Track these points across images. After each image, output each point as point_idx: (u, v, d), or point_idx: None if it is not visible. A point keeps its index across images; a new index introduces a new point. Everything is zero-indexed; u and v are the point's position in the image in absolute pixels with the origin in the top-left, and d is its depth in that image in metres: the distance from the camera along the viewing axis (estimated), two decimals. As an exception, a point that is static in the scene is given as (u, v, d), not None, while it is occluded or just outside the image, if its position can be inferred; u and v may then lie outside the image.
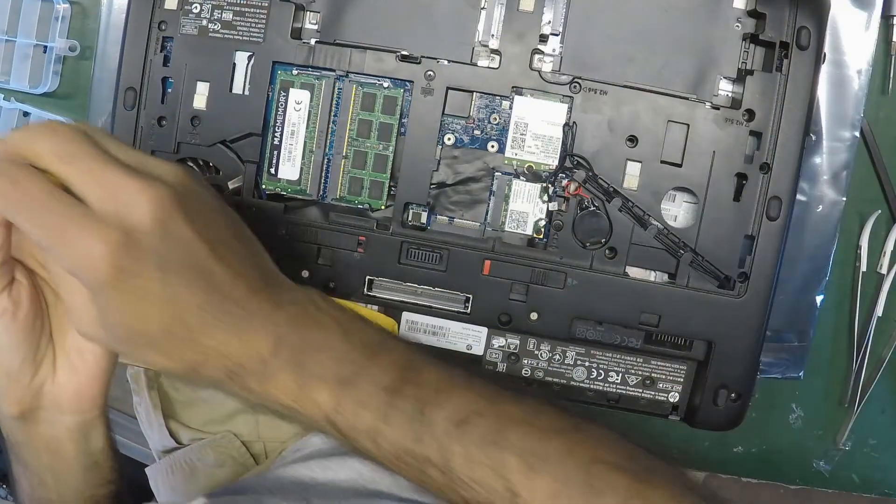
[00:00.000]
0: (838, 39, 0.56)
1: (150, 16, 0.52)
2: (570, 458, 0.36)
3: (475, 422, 0.36)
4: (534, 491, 0.36)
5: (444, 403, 0.37)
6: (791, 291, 0.59)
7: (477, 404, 0.37)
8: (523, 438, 0.36)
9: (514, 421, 0.37)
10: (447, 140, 0.53)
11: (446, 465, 0.36)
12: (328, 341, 0.37)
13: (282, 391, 0.37)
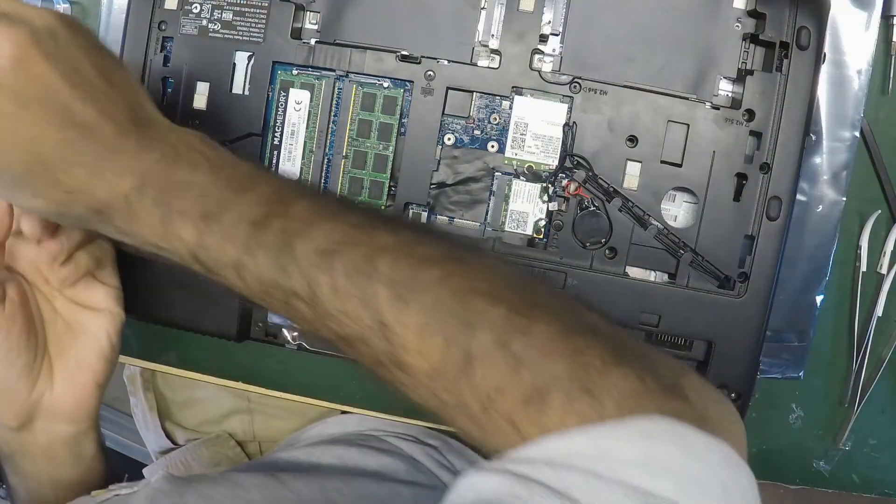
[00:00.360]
0: (838, 39, 0.56)
1: (150, 16, 0.52)
2: (444, 288, 0.35)
3: (344, 252, 0.35)
4: (403, 322, 0.34)
5: (312, 234, 0.36)
6: (791, 291, 0.59)
7: (347, 234, 0.36)
8: (394, 268, 0.35)
9: (386, 251, 0.35)
10: (447, 140, 0.53)
11: (313, 297, 0.35)
12: (195, 179, 0.37)
13: (147, 229, 0.37)
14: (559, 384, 0.33)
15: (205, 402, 0.74)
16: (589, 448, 0.32)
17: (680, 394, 0.35)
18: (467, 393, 0.34)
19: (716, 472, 0.32)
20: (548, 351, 0.34)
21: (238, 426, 0.74)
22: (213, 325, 0.54)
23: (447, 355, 0.34)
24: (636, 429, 0.32)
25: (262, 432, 0.74)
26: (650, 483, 0.31)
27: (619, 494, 0.30)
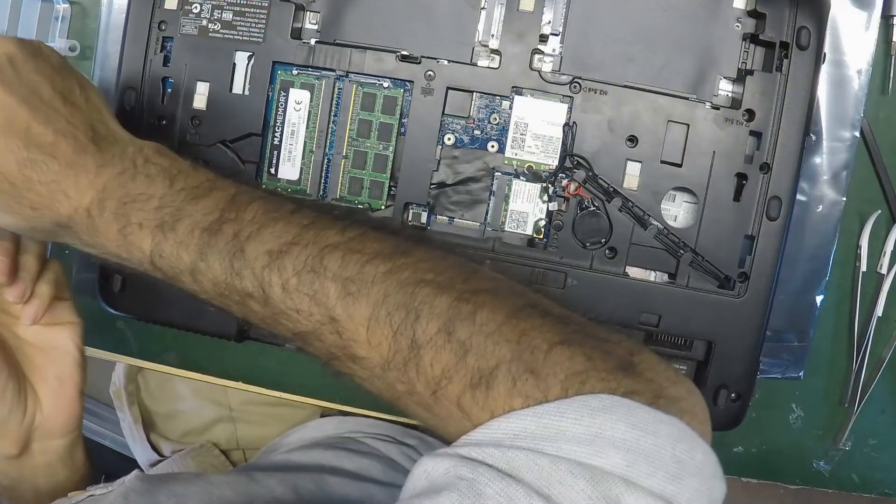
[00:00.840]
0: (838, 39, 0.56)
1: (150, 16, 0.52)
2: (391, 281, 0.36)
3: (293, 252, 0.37)
4: (352, 316, 0.36)
5: (263, 237, 0.37)
6: (791, 291, 0.59)
7: (297, 235, 0.37)
8: (343, 265, 0.36)
9: (334, 249, 0.37)
10: (447, 140, 0.53)
11: (265, 297, 0.37)
12: (152, 190, 0.39)
13: (109, 241, 0.39)
14: (504, 367, 0.34)
15: (188, 413, 0.75)
16: (535, 427, 0.32)
17: (631, 372, 0.35)
18: (417, 381, 0.35)
19: (668, 446, 0.32)
20: (493, 336, 0.34)
21: (222, 435, 0.74)
22: (213, 325, 0.54)
23: (396, 346, 0.35)
24: (583, 406, 0.32)
25: (246, 440, 0.75)
26: (597, 459, 0.31)
27: (565, 471, 0.30)
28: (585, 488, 0.30)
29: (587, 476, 0.31)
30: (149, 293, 0.54)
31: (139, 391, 0.76)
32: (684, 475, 0.32)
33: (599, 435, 0.32)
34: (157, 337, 0.63)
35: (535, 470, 0.31)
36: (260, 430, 0.74)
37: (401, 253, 0.37)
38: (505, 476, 0.30)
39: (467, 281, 0.37)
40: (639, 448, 0.32)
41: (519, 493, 0.30)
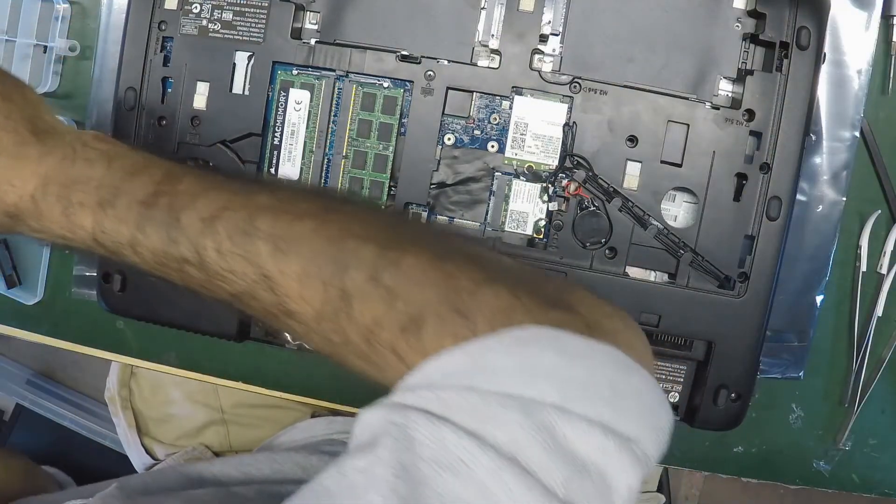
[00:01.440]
0: (838, 39, 0.56)
1: (150, 16, 0.52)
2: (319, 236, 0.37)
3: (225, 216, 0.38)
4: (284, 272, 0.36)
5: (196, 205, 0.38)
6: (791, 291, 0.59)
7: (228, 200, 0.38)
8: (273, 224, 0.37)
9: (265, 210, 0.38)
10: (447, 140, 0.53)
11: (201, 261, 0.38)
12: (91, 172, 0.41)
13: (54, 224, 0.41)
14: (431, 309, 0.34)
15: (180, 417, 0.75)
16: (465, 363, 0.32)
17: (562, 306, 0.35)
18: (350, 330, 0.36)
19: (602, 373, 0.32)
20: (418, 280, 0.35)
21: (214, 438, 0.75)
22: (213, 325, 0.54)
23: (326, 297, 0.36)
24: (511, 338, 0.32)
25: (238, 442, 0.75)
26: (529, 389, 0.31)
27: (496, 405, 0.30)
28: (518, 419, 0.30)
29: (519, 407, 0.30)
30: (149, 293, 0.54)
31: (132, 396, 0.76)
32: (621, 400, 0.32)
33: (529, 364, 0.32)
34: (157, 337, 0.63)
35: (467, 407, 0.31)
36: (252, 432, 0.75)
37: (329, 210, 0.38)
38: (435, 419, 0.30)
39: (393, 230, 0.38)
40: (570, 375, 0.32)
41: (448, 434, 0.30)
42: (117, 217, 0.39)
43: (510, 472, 0.29)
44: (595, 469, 0.31)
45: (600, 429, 0.31)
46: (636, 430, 0.32)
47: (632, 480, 0.31)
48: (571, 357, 0.32)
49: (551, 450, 0.30)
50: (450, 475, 0.29)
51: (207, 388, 0.75)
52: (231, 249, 0.37)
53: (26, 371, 1.28)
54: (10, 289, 0.64)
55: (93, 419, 1.20)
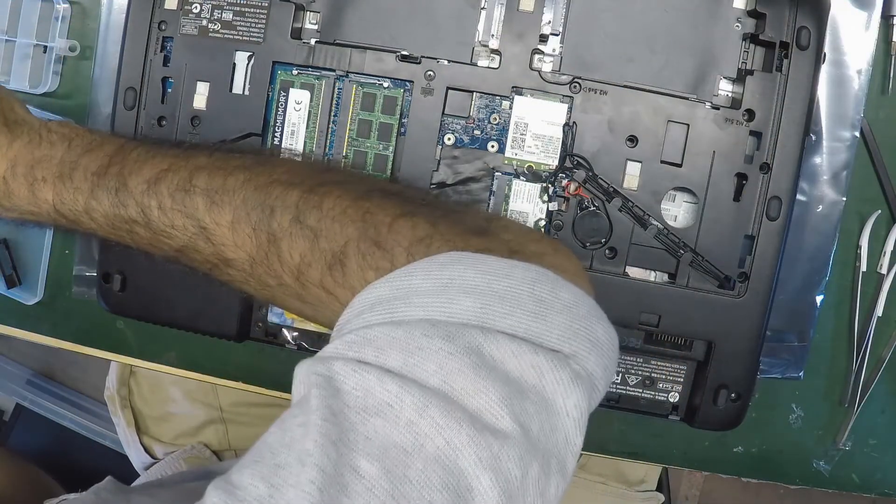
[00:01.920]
0: (838, 39, 0.56)
1: (150, 16, 0.52)
2: (248, 186, 0.39)
3: (166, 178, 0.41)
4: (218, 222, 0.39)
5: (142, 170, 0.42)
6: (791, 291, 0.59)
7: (170, 163, 0.42)
8: (209, 180, 0.40)
9: (202, 169, 0.41)
10: (447, 140, 0.53)
11: (147, 220, 0.41)
12: (53, 152, 0.44)
13: (22, 200, 0.44)
14: (352, 245, 0.36)
15: (179, 416, 0.75)
16: (388, 291, 0.33)
17: (483, 233, 0.35)
18: (283, 271, 0.38)
19: (524, 287, 0.32)
20: (339, 219, 0.37)
21: (213, 437, 0.75)
22: (213, 325, 0.54)
23: (256, 241, 0.38)
24: (431, 262, 0.33)
25: (237, 441, 0.75)
26: (450, 308, 0.31)
27: (420, 336, 0.31)
28: (443, 346, 0.30)
29: (442, 334, 0.30)
30: (149, 293, 0.54)
31: (131, 395, 0.76)
32: (549, 313, 0.32)
33: (449, 284, 0.32)
34: (157, 337, 0.63)
35: (394, 344, 0.31)
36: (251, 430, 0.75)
37: (259, 164, 0.41)
38: (359, 366, 0.30)
39: (317, 176, 0.40)
40: (491, 290, 0.32)
41: (372, 380, 0.30)
42: (74, 188, 0.43)
43: (437, 406, 0.29)
44: (531, 388, 0.30)
45: (529, 346, 0.30)
46: (570, 345, 0.31)
47: (576, 399, 0.31)
48: (491, 274, 0.32)
49: (481, 373, 0.30)
50: (377, 419, 0.29)
51: (206, 387, 0.75)
52: (172, 206, 0.40)
53: (26, 371, 1.28)
54: (10, 289, 0.64)
55: (93, 419, 1.20)
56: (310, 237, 0.37)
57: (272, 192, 0.39)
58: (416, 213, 0.36)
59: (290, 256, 0.38)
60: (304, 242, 0.37)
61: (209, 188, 0.40)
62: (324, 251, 0.37)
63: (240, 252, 0.39)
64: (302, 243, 0.37)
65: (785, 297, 0.58)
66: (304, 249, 0.37)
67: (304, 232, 0.37)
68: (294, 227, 0.37)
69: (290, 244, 0.37)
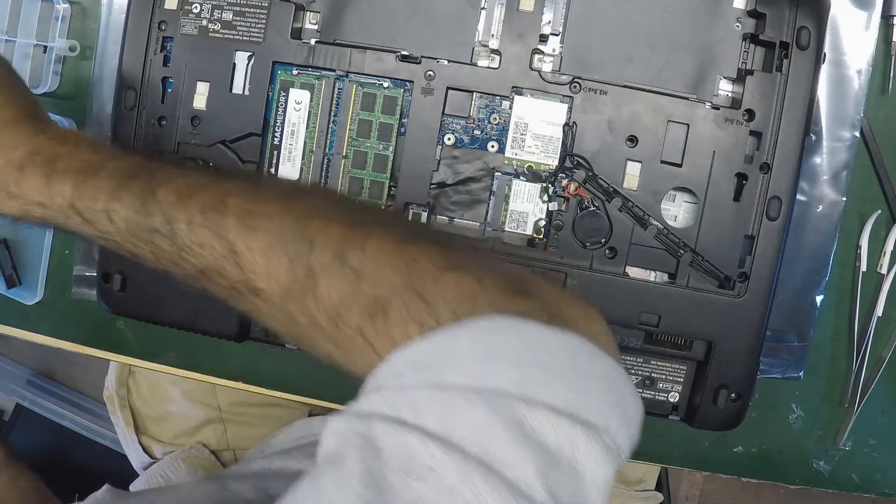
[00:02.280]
0: (838, 39, 0.56)
1: (150, 16, 0.52)
2: (286, 214, 0.38)
3: (197, 193, 0.40)
4: (250, 247, 0.37)
5: (172, 182, 0.40)
6: (791, 291, 0.59)
7: (201, 182, 0.40)
8: (243, 202, 0.39)
9: (236, 190, 0.39)
10: (447, 140, 0.53)
11: (172, 232, 0.39)
12: (78, 152, 0.43)
13: (34, 189, 0.43)
14: (396, 294, 0.34)
15: (178, 416, 0.75)
16: (430, 353, 0.32)
17: (524, 294, 0.35)
18: (317, 310, 0.36)
19: (565, 358, 0.32)
20: (383, 262, 0.35)
21: (212, 436, 0.75)
22: (213, 325, 0.54)
23: (292, 274, 0.37)
24: (474, 327, 0.32)
25: (236, 441, 0.75)
26: (493, 378, 0.31)
27: (462, 402, 0.30)
28: (486, 414, 0.30)
29: (486, 402, 0.30)
30: (149, 293, 0.54)
31: (130, 394, 0.76)
32: (587, 385, 0.32)
33: (493, 353, 0.32)
34: (157, 337, 0.63)
35: (434, 408, 0.31)
36: (250, 430, 0.75)
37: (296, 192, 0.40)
38: (400, 426, 0.30)
39: (357, 213, 0.39)
40: (534, 361, 0.32)
41: (414, 441, 0.30)
42: (97, 185, 0.41)
43: (479, 474, 0.29)
44: (566, 461, 0.30)
45: (568, 418, 0.31)
46: (604, 418, 0.32)
47: (604, 471, 0.31)
48: (534, 344, 0.32)
49: (521, 444, 0.30)
50: (419, 483, 0.29)
51: (205, 387, 0.75)
52: (202, 223, 0.39)
53: (26, 371, 1.28)
54: (10, 289, 0.64)
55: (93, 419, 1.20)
56: (351, 278, 0.35)
57: (311, 223, 0.37)
58: (460, 265, 0.35)
59: (329, 296, 0.36)
60: (345, 283, 0.35)
61: (243, 210, 0.38)
62: (366, 296, 0.35)
63: (272, 283, 0.37)
64: (342, 284, 0.35)
65: (785, 297, 0.58)
66: (344, 291, 0.35)
67: (345, 272, 0.35)
68: (335, 265, 0.36)
69: (330, 283, 0.36)
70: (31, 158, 0.43)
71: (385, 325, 0.34)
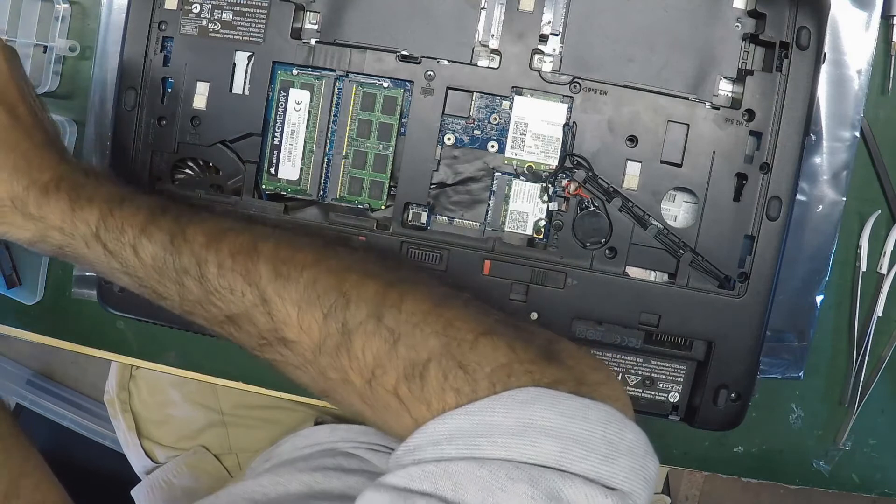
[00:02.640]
0: (838, 39, 0.56)
1: (150, 16, 0.52)
2: (320, 267, 0.37)
3: (228, 236, 0.39)
4: (283, 297, 0.37)
5: (202, 223, 0.40)
6: (791, 291, 0.59)
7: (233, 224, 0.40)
8: (275, 250, 0.38)
9: (268, 237, 0.39)
10: (447, 140, 0.53)
11: (201, 275, 0.39)
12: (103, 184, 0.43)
13: (56, 215, 0.42)
14: (434, 359, 0.35)
15: (180, 419, 0.75)
16: (469, 425, 0.33)
17: (554, 361, 0.36)
18: (350, 367, 0.36)
19: (598, 429, 0.33)
20: (420, 326, 0.35)
21: (214, 440, 0.75)
22: (213, 325, 0.54)
23: (326, 329, 0.36)
24: (512, 400, 0.33)
25: (238, 444, 0.75)
26: (532, 451, 0.32)
27: (504, 478, 0.31)
28: (526, 490, 0.31)
29: (526, 477, 0.31)
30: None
31: (131, 398, 0.76)
32: (617, 455, 0.33)
33: (530, 425, 0.32)
34: (157, 337, 0.63)
35: (476, 482, 0.31)
36: (252, 433, 0.75)
37: (328, 246, 0.40)
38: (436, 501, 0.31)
39: (392, 271, 0.39)
40: (570, 434, 0.33)
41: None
42: (123, 217, 0.40)
43: None
44: None
45: (600, 488, 0.32)
46: (631, 484, 0.33)
47: None
48: (569, 416, 0.33)
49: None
50: None
51: (206, 390, 0.75)
52: (233, 267, 0.38)
53: (26, 371, 1.28)
54: (10, 289, 0.64)
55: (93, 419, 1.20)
56: (388, 339, 0.35)
57: (347, 278, 0.37)
58: (494, 331, 0.36)
59: (363, 354, 0.36)
60: (381, 343, 0.35)
61: (275, 258, 0.38)
62: (402, 358, 0.35)
63: (303, 336, 0.37)
64: (378, 343, 0.35)
65: (785, 297, 0.58)
66: (381, 351, 0.35)
67: (381, 332, 0.35)
68: (372, 324, 0.36)
69: (365, 341, 0.36)
70: (56, 184, 0.42)
71: (422, 389, 0.34)
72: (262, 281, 0.37)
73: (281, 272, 0.37)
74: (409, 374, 0.35)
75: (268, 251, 0.38)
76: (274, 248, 0.38)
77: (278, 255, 0.38)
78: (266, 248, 0.38)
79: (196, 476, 0.73)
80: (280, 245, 0.38)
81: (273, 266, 0.37)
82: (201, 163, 0.53)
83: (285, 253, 0.38)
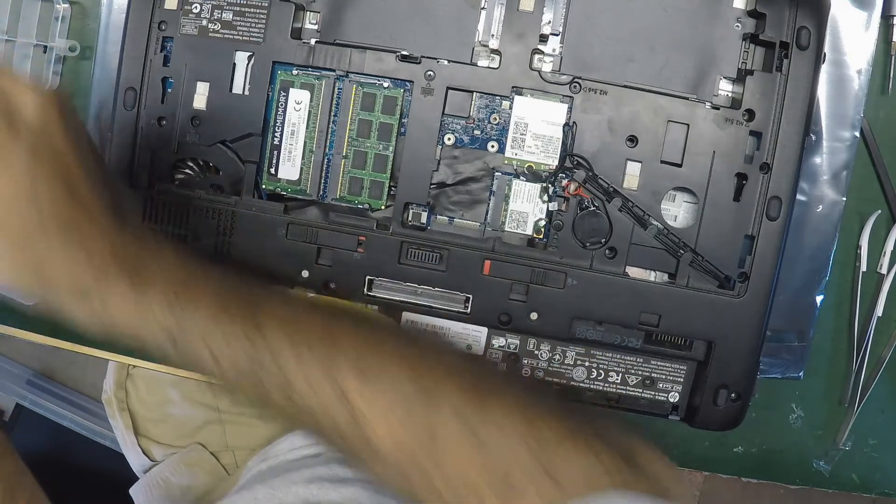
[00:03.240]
0: (838, 39, 0.56)
1: (150, 16, 0.52)
2: (403, 365, 0.37)
3: (303, 324, 0.38)
4: (364, 394, 0.36)
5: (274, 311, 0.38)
6: (791, 291, 0.59)
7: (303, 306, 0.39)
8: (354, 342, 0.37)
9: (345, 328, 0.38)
10: (447, 140, 0.53)
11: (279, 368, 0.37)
12: (163, 253, 0.39)
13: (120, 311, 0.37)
14: (522, 467, 0.35)
15: (177, 417, 0.75)
16: None
17: (632, 463, 0.37)
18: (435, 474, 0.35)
19: None
20: (509, 432, 0.35)
21: (211, 437, 0.75)
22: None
23: (409, 430, 0.36)
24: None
25: (235, 441, 0.75)
26: None
27: None
28: None
29: None
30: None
31: (129, 397, 0.76)
32: None
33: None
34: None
35: None
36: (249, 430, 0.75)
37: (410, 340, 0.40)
38: None
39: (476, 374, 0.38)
40: None
41: None
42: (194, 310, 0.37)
43: None
44: None
45: None
46: None
47: None
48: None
49: None
50: None
51: (204, 388, 0.75)
52: (310, 359, 0.37)
53: (26, 371, 1.28)
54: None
55: (93, 419, 1.20)
56: (476, 446, 0.35)
57: (432, 377, 0.36)
58: (577, 434, 0.36)
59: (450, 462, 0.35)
60: (470, 451, 0.35)
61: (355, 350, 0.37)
62: (490, 467, 0.35)
63: (385, 436, 0.36)
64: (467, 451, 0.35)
65: (785, 297, 0.58)
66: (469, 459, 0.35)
67: (470, 439, 0.35)
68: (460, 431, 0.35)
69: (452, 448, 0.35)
70: (113, 260, 0.37)
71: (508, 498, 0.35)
72: (341, 374, 0.36)
73: (361, 367, 0.36)
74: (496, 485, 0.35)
75: (346, 342, 0.37)
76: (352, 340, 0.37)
77: (358, 348, 0.37)
78: (345, 340, 0.37)
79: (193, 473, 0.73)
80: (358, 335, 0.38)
81: (353, 360, 0.37)
82: (201, 163, 0.53)
83: (364, 347, 0.37)
